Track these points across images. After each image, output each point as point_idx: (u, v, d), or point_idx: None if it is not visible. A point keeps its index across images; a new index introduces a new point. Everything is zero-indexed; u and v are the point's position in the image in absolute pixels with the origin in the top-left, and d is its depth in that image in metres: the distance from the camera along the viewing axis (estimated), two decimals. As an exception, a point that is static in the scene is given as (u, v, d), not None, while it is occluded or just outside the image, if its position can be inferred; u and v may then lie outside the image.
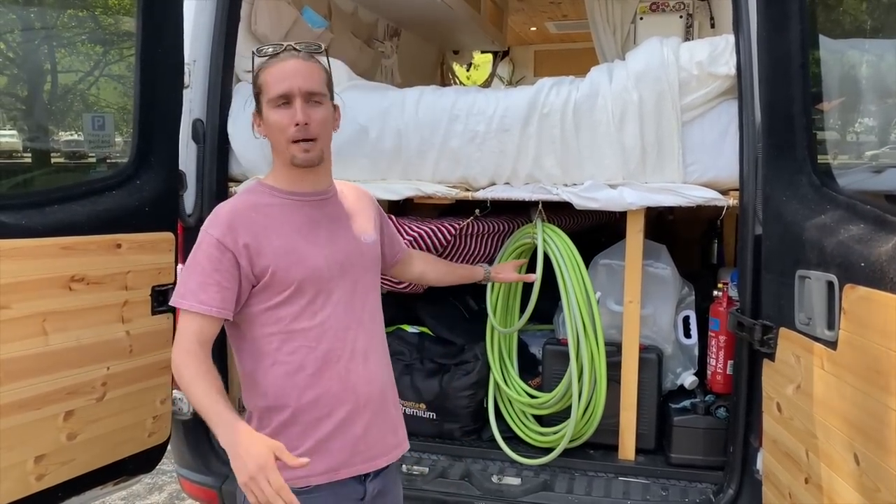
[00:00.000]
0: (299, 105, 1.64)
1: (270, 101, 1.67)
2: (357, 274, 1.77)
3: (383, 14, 4.50)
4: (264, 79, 1.68)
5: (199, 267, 1.63)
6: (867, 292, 1.53)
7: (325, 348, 1.69)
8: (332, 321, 1.70)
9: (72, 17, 5.47)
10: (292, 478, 1.54)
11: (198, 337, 1.60)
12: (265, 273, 1.65)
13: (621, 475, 2.58)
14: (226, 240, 1.62)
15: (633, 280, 2.56)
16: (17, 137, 8.07)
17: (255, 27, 3.12)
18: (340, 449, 1.71)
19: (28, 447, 2.01)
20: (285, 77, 1.65)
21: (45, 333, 2.03)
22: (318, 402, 1.69)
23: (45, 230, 2.03)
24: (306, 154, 1.67)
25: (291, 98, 1.65)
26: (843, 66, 2.34)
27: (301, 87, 1.65)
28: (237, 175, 2.89)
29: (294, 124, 1.64)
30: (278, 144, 1.70)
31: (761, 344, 2.07)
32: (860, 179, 2.34)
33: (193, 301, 1.61)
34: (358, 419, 1.73)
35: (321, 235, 1.73)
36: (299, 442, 1.68)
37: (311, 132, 1.66)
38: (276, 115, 1.66)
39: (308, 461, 1.48)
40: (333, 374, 1.70)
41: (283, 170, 1.74)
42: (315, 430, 1.70)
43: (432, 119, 2.60)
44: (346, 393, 1.72)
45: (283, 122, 1.65)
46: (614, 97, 2.44)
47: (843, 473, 1.62)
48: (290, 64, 1.67)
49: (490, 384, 2.83)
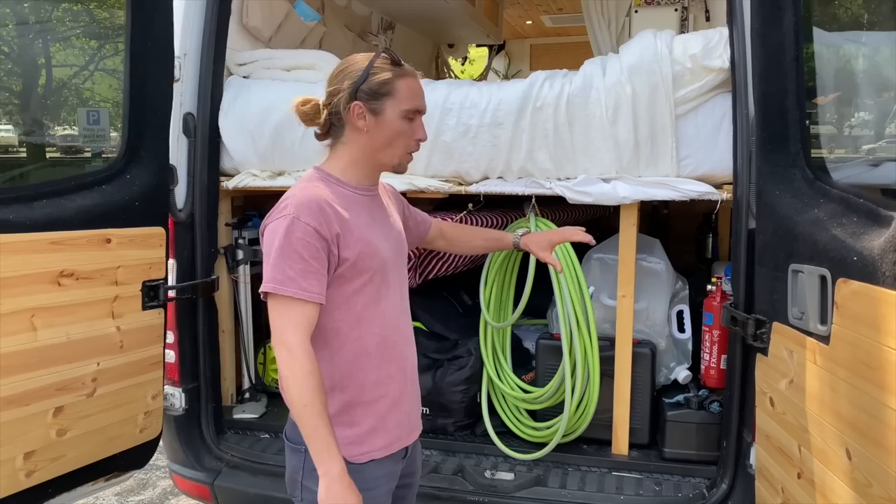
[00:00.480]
0: (422, 123, 1.81)
1: (403, 111, 1.75)
2: (402, 263, 1.92)
3: (377, 7, 4.48)
4: (401, 86, 1.75)
5: (295, 255, 1.64)
6: (860, 287, 1.52)
7: (385, 333, 1.80)
8: (390, 308, 1.82)
9: (66, 11, 5.43)
10: (354, 454, 1.73)
11: (306, 330, 1.65)
12: (347, 262, 1.71)
13: (615, 470, 2.58)
14: (322, 229, 1.66)
15: (626, 274, 2.55)
16: (13, 132, 8.03)
17: (246, 20, 3.11)
18: (396, 425, 1.84)
19: (17, 443, 2.00)
20: (421, 95, 1.80)
21: (34, 329, 2.01)
22: (378, 383, 1.79)
23: (34, 225, 2.01)
24: (409, 164, 1.85)
25: (419, 115, 1.80)
26: (838, 59, 2.33)
27: (426, 108, 1.83)
28: (228, 169, 2.88)
29: (417, 139, 1.80)
30: (391, 148, 1.78)
31: (754, 338, 2.07)
32: (855, 173, 2.33)
33: (297, 289, 1.63)
34: (406, 398, 1.87)
35: (380, 227, 1.83)
36: (362, 420, 1.78)
37: (419, 148, 1.84)
38: (403, 125, 1.76)
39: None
40: (392, 356, 1.82)
41: (363, 167, 1.80)
42: (375, 409, 1.79)
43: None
44: (400, 374, 1.84)
45: (408, 132, 1.78)
46: (608, 90, 2.43)
47: (836, 468, 1.62)
48: (420, 84, 1.81)
49: (483, 379, 2.82)
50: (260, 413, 3.02)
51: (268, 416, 3.01)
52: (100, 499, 3.82)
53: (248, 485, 2.67)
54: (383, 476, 1.84)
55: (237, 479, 2.70)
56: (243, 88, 2.82)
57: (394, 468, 1.87)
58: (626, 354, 2.59)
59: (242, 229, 2.99)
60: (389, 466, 1.85)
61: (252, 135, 2.76)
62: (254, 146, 2.78)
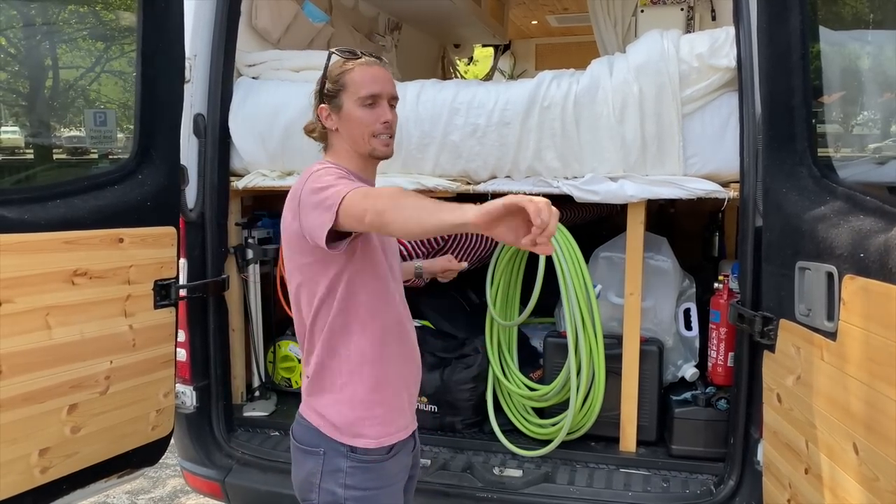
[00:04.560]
0: (386, 106, 1.83)
1: (359, 99, 1.81)
2: (397, 254, 2.01)
3: (384, 8, 4.50)
4: (352, 78, 1.82)
5: (341, 180, 1.69)
6: (866, 283, 1.53)
7: (399, 311, 1.90)
8: (399, 296, 1.92)
9: (73, 12, 5.46)
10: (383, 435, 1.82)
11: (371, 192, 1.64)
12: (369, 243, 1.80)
13: (622, 467, 2.59)
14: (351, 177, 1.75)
15: (633, 272, 2.57)
16: (20, 134, 8.07)
17: (255, 22, 3.13)
18: (409, 405, 1.94)
19: (32, 440, 2.02)
20: (376, 80, 1.83)
21: (49, 327, 2.04)
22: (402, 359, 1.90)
23: (48, 225, 2.04)
24: (386, 148, 1.85)
25: (379, 99, 1.82)
26: (844, 58, 2.34)
27: (389, 91, 1.85)
28: (238, 169, 2.90)
29: (382, 122, 1.82)
30: (359, 137, 1.83)
31: (762, 335, 2.08)
32: (861, 171, 2.34)
33: (351, 188, 1.62)
34: (415, 379, 1.98)
35: None
36: (391, 400, 1.86)
37: (391, 130, 1.86)
38: (362, 112, 1.81)
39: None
40: (406, 337, 1.92)
41: (354, 159, 1.86)
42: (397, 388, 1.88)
43: (433, 112, 2.60)
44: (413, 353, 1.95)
45: (369, 119, 1.81)
46: (615, 90, 2.44)
47: (843, 464, 1.63)
48: (378, 70, 1.85)
49: (489, 377, 2.84)
50: (270, 411, 3.04)
51: (278, 414, 3.03)
52: (111, 496, 3.85)
53: (258, 482, 2.69)
54: (401, 471, 1.91)
55: (248, 477, 2.72)
56: (253, 89, 2.84)
57: (407, 461, 1.94)
58: (633, 352, 2.60)
59: (252, 229, 3.01)
60: (404, 459, 1.92)
61: (262, 135, 2.78)
62: (263, 146, 2.80)
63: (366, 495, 1.81)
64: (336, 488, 1.80)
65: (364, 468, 1.81)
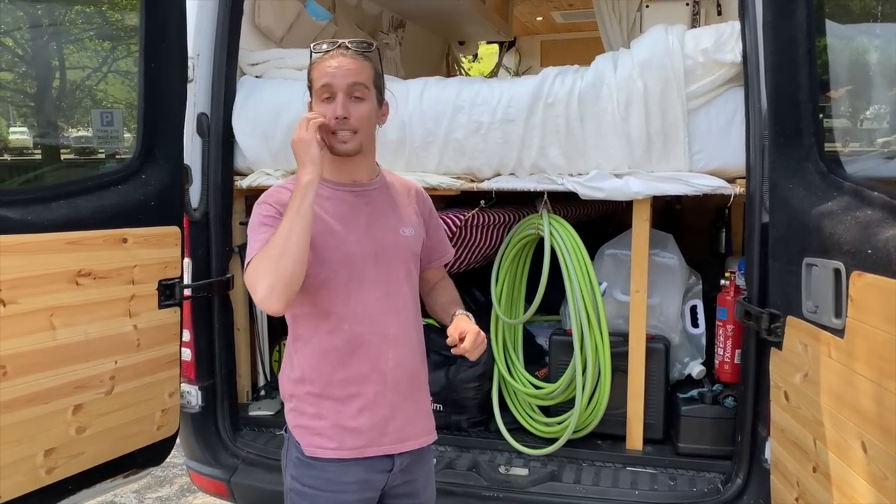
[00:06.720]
0: (340, 100, 1.75)
1: (316, 95, 1.78)
2: (392, 263, 1.85)
3: (388, 5, 4.49)
4: (313, 74, 1.80)
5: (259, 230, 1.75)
6: (874, 279, 1.52)
7: (357, 331, 1.78)
8: (364, 306, 1.79)
9: (79, 13, 5.47)
10: (316, 445, 1.78)
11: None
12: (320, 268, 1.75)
13: (629, 465, 2.58)
14: (279, 210, 1.74)
15: (639, 270, 2.55)
16: (28, 134, 8.11)
17: (258, 20, 3.12)
18: (370, 428, 1.80)
19: (37, 441, 2.03)
20: (329, 73, 1.76)
21: (53, 328, 2.04)
22: (348, 381, 1.79)
23: (52, 225, 2.04)
24: (343, 144, 1.77)
25: (333, 93, 1.75)
26: (851, 52, 2.32)
27: (342, 83, 1.75)
28: (242, 169, 2.90)
29: (334, 117, 1.74)
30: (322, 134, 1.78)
31: (769, 333, 2.06)
32: (869, 166, 2.32)
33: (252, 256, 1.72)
34: (384, 401, 1.81)
35: (360, 223, 1.83)
36: (328, 414, 1.79)
37: (350, 125, 1.76)
38: (320, 108, 1.77)
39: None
40: (364, 356, 1.79)
41: (327, 159, 1.81)
42: (345, 407, 1.79)
43: (436, 110, 2.59)
44: (376, 375, 1.80)
45: (326, 114, 1.76)
46: (619, 86, 2.43)
47: (851, 462, 1.62)
48: (337, 61, 1.76)
49: (494, 375, 2.83)
50: (275, 410, 3.03)
51: (283, 414, 3.02)
52: (118, 496, 3.86)
53: (264, 481, 2.68)
54: (354, 482, 1.80)
55: (253, 476, 2.72)
56: (256, 88, 2.84)
57: (369, 477, 1.82)
58: (639, 350, 2.59)
59: (256, 228, 3.00)
60: (361, 474, 1.80)
61: (265, 134, 2.78)
62: (267, 145, 2.80)
63: (305, 491, 1.81)
64: (288, 474, 1.86)
65: (307, 464, 1.81)
